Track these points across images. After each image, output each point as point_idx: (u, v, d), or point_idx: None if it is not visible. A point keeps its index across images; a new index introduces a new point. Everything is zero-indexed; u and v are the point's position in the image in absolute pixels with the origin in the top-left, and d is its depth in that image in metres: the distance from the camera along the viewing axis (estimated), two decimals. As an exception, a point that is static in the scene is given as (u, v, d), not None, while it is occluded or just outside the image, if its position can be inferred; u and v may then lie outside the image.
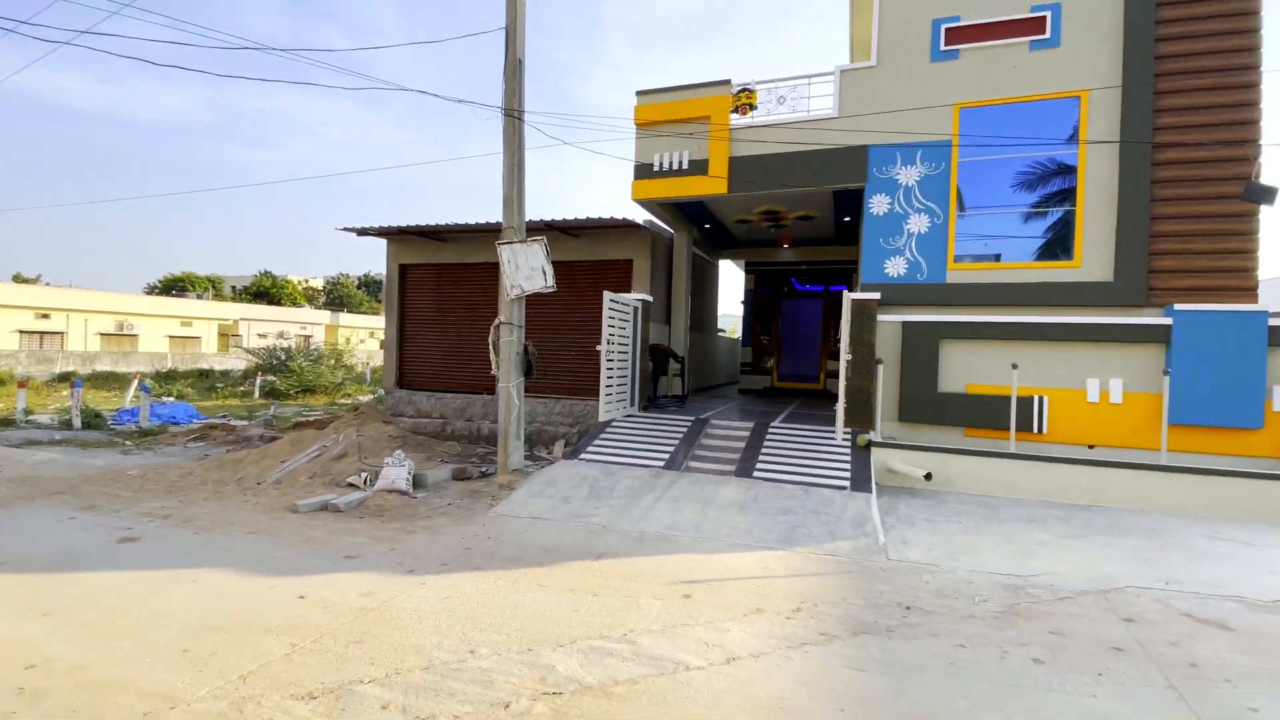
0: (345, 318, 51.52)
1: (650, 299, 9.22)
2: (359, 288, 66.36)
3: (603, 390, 7.57)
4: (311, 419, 13.61)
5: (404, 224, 10.99)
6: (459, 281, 11.79)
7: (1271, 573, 4.54)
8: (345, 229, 11.35)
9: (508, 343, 7.09)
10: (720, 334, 22.79)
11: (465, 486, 7.15)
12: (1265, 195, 6.51)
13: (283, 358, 21.60)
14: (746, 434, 7.71)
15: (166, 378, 22.93)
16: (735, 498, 5.93)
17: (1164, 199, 7.06)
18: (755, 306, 14.89)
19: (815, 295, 14.52)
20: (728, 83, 8.68)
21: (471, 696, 2.84)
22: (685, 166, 8.85)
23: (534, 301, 10.84)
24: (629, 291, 9.78)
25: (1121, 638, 3.53)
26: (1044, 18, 7.55)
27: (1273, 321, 6.56)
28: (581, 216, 9.43)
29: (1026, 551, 4.98)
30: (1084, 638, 3.53)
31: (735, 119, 8.71)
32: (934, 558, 4.84)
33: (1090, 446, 7.06)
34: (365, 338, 50.32)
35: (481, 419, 10.81)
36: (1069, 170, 7.51)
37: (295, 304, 55.83)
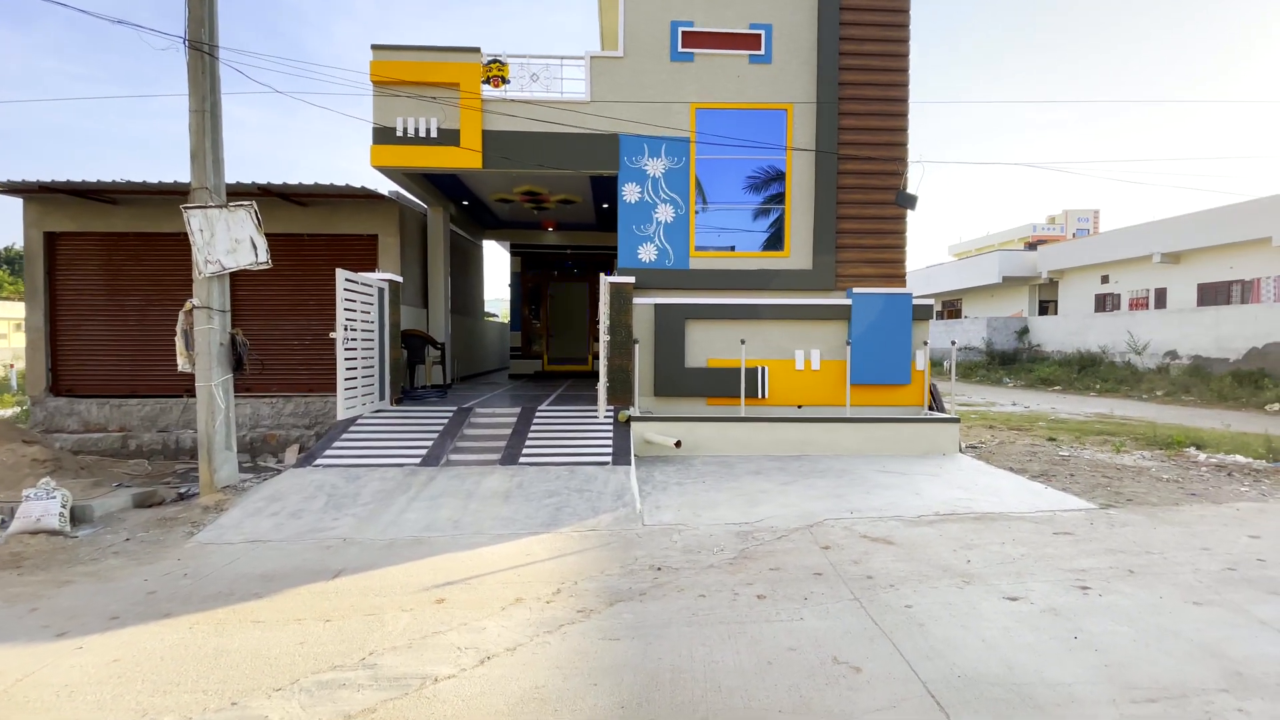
0: (-31, 304, 37.97)
1: (400, 279, 8.41)
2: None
3: (341, 383, 6.68)
4: (-100, 446, 9.67)
5: (49, 178, 8.31)
6: (143, 256, 9.41)
7: (918, 495, 5.91)
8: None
9: (206, 331, 5.79)
10: (492, 318, 22.08)
11: (155, 515, 5.72)
12: (910, 202, 8.39)
13: None
14: (513, 420, 7.53)
15: None
16: (500, 487, 5.73)
17: (846, 202, 8.64)
18: (524, 289, 14.70)
19: (582, 279, 14.86)
20: (478, 50, 8.23)
21: (140, 785, 2.21)
22: (434, 135, 8.19)
23: (253, 281, 9.16)
24: (375, 270, 8.80)
25: (821, 564, 4.23)
26: (760, 35, 8.61)
27: (915, 301, 8.51)
28: (309, 181, 8.15)
29: (754, 500, 5.72)
30: (795, 568, 4.15)
31: (487, 90, 8.32)
32: (683, 517, 5.27)
33: (799, 406, 8.42)
34: (7, 330, 37.82)
35: (182, 428, 8.84)
36: (783, 175, 8.74)
37: (-128, 285, 39.50)
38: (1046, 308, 26.65)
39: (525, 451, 6.52)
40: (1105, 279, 22.99)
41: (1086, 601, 3.65)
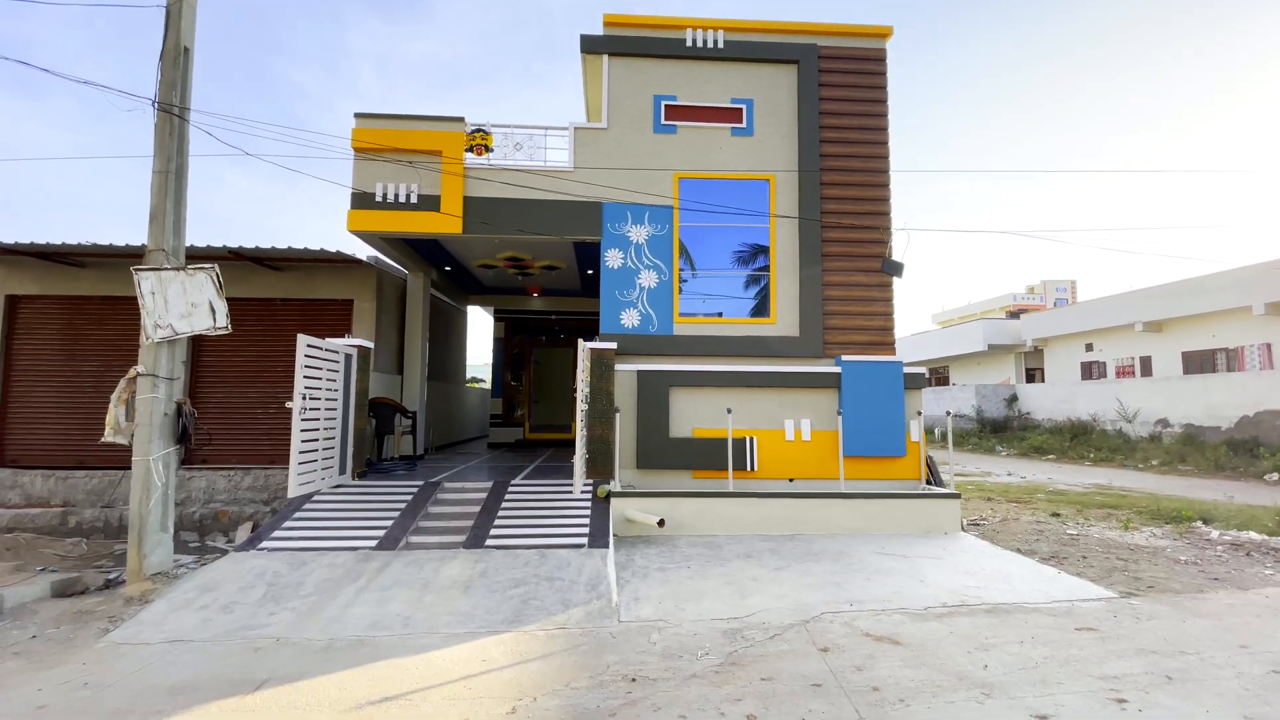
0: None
1: (370, 345, 8.05)
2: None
3: (295, 457, 6.16)
4: None
5: (9, 240, 8.04)
6: (105, 320, 9.05)
7: (923, 582, 5.40)
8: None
9: (150, 400, 5.34)
10: (478, 384, 21.62)
11: (72, 606, 5.08)
12: (896, 269, 8.29)
13: None
14: (483, 496, 7.01)
15: None
16: (461, 575, 5.16)
17: (831, 269, 8.54)
18: (506, 355, 14.38)
19: (566, 344, 14.60)
20: (461, 120, 8.26)
21: None
22: (414, 201, 8.07)
23: (220, 347, 8.79)
24: (348, 335, 8.45)
25: (820, 671, 3.70)
26: (741, 109, 8.75)
27: (907, 370, 8.26)
28: (283, 245, 7.94)
29: (744, 590, 5.18)
30: (790, 678, 3.61)
31: (470, 158, 8.29)
32: (664, 611, 4.72)
33: (790, 479, 7.97)
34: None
35: (128, 504, 8.17)
36: (767, 242, 8.66)
37: None
38: (1033, 375, 26.69)
39: (493, 532, 5.97)
40: (1089, 347, 23.15)
41: (1127, 720, 3.15)
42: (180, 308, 5.40)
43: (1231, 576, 5.81)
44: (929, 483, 8.15)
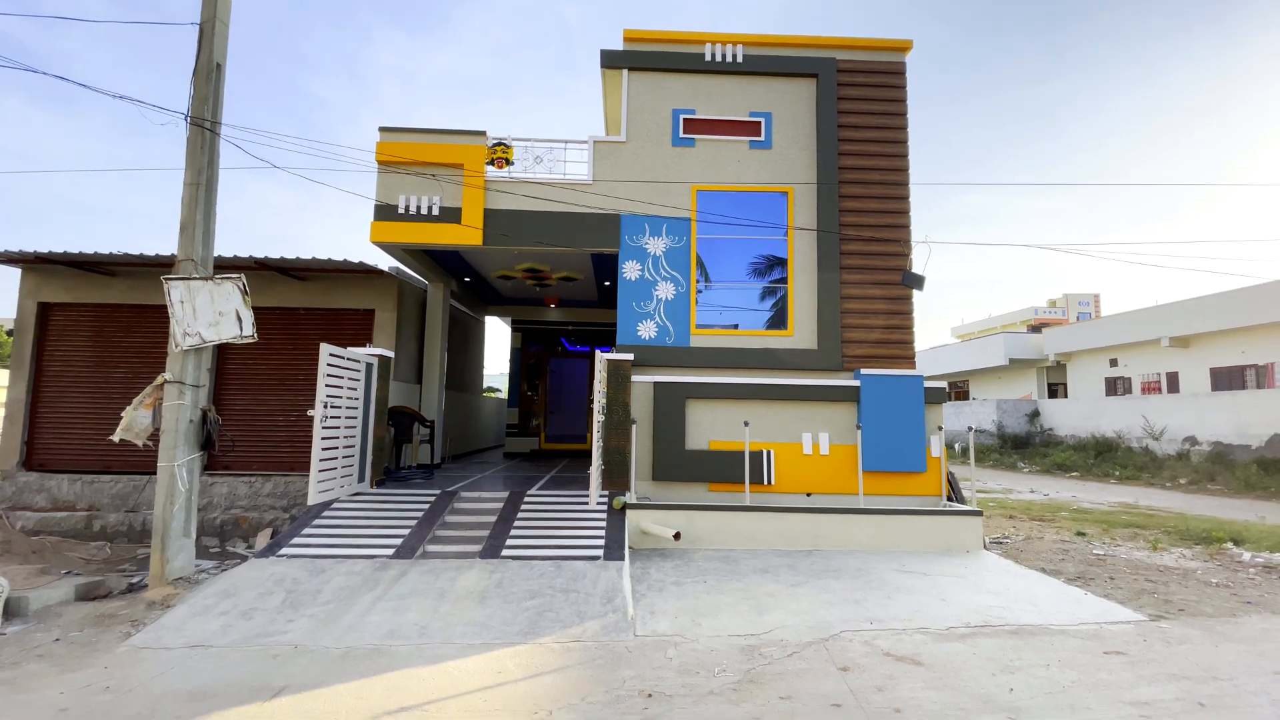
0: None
1: (390, 354, 8.14)
2: (10, 334, 49.65)
3: (316, 464, 6.24)
4: None
5: (44, 249, 8.28)
6: (133, 328, 9.25)
7: (944, 601, 5.30)
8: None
9: (176, 407, 5.44)
10: (495, 394, 21.79)
11: (95, 609, 5.16)
12: (917, 282, 8.22)
13: None
14: (499, 505, 7.02)
15: None
16: (476, 585, 5.17)
17: (849, 282, 8.49)
18: (523, 365, 14.46)
19: (584, 355, 14.65)
20: (483, 134, 8.38)
21: None
22: (436, 213, 8.19)
23: (243, 355, 8.94)
24: (369, 345, 8.56)
25: (840, 691, 3.64)
26: (759, 123, 8.78)
27: (927, 384, 8.15)
28: (307, 255, 8.08)
29: (761, 606, 5.12)
30: (809, 697, 3.56)
31: (491, 171, 8.40)
32: (680, 626, 4.68)
33: (808, 494, 7.88)
34: None
35: (151, 509, 8.32)
36: (785, 254, 8.65)
37: None
38: (1056, 390, 26.21)
39: (509, 543, 5.98)
40: (1114, 362, 22.70)
41: (1160, 749, 3.05)
42: (208, 316, 5.51)
43: (1265, 600, 5.63)
44: (950, 499, 8.01)
